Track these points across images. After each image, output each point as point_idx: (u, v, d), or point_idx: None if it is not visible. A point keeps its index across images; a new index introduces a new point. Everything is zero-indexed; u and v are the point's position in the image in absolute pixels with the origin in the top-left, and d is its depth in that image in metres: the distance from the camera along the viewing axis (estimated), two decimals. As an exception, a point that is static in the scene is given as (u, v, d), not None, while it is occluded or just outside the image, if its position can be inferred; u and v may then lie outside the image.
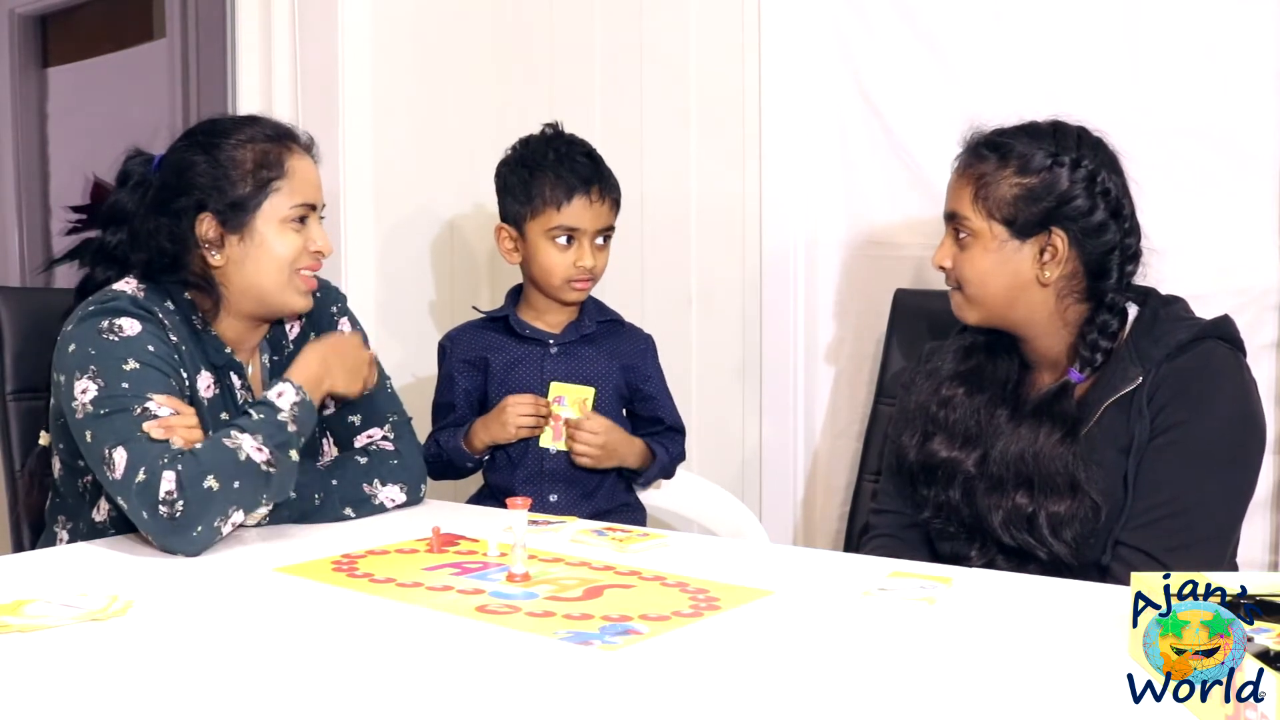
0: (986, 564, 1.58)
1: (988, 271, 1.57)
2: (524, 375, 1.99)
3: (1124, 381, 1.51)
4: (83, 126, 4.73)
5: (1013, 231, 1.55)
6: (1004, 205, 1.55)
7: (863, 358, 2.28)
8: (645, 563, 1.38)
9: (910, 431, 1.68)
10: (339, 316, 1.80)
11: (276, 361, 1.73)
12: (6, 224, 4.89)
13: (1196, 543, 1.44)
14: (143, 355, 1.49)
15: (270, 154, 1.61)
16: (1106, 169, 1.55)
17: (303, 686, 0.98)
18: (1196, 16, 1.94)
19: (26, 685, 0.98)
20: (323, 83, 2.31)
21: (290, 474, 1.51)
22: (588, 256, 1.96)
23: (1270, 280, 1.91)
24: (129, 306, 1.53)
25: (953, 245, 1.61)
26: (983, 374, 1.65)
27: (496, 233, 2.04)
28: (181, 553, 1.41)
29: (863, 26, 2.25)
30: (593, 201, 1.96)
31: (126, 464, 1.41)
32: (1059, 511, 1.50)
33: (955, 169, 1.63)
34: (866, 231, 2.29)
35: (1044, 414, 1.55)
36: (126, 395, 1.45)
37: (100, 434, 1.44)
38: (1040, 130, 1.58)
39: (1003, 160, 1.56)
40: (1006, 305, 1.59)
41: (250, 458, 1.45)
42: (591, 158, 2.00)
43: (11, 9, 4.87)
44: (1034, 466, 1.52)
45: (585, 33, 2.58)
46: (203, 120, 1.71)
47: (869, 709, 0.93)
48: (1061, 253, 1.54)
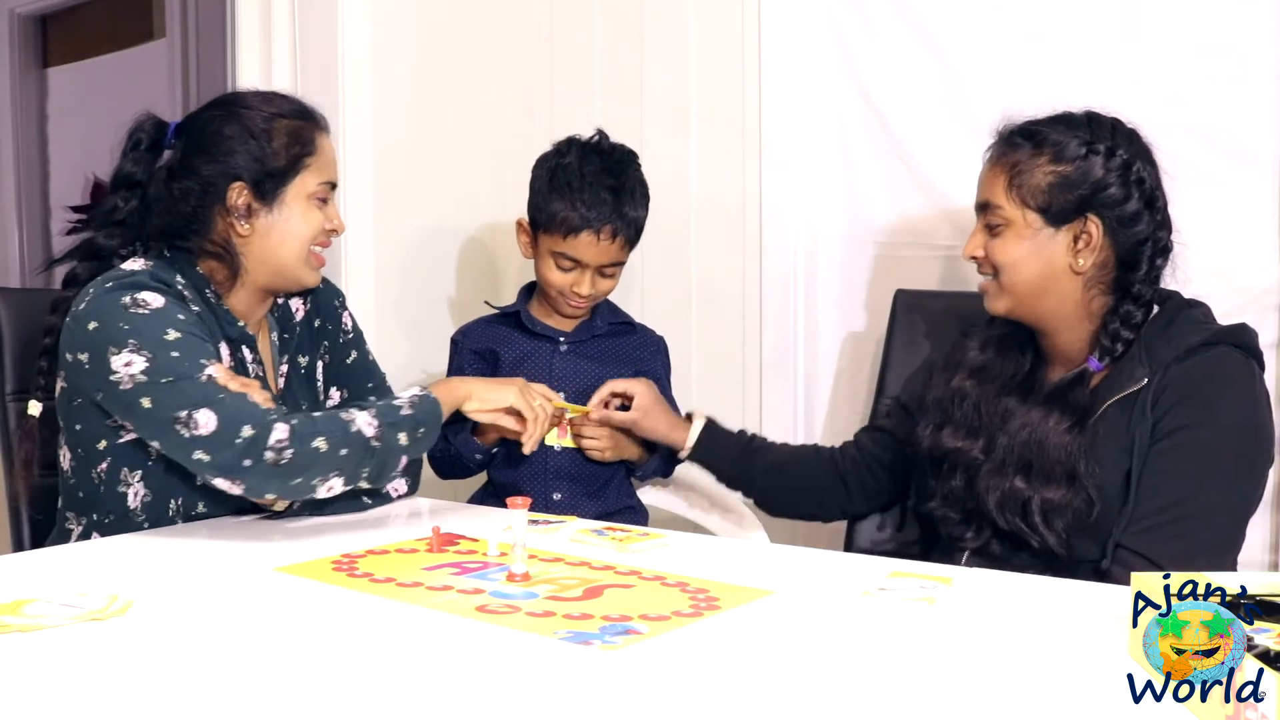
0: (981, 548, 1.58)
1: (1021, 259, 1.57)
2: (532, 371, 1.98)
3: (1129, 381, 1.51)
4: (83, 126, 4.73)
5: (1047, 219, 1.55)
6: (1038, 193, 1.54)
7: (863, 358, 2.28)
8: (645, 563, 1.38)
9: (925, 423, 1.69)
10: (341, 310, 1.85)
11: (286, 339, 1.76)
12: (6, 224, 4.89)
13: (1199, 552, 1.44)
14: (178, 325, 1.50)
15: (303, 131, 1.65)
16: (1141, 159, 1.55)
17: (303, 686, 0.98)
18: (1196, 16, 1.94)
19: (26, 685, 0.98)
20: (323, 83, 2.30)
21: (394, 454, 1.54)
22: (585, 286, 1.94)
23: (1270, 280, 1.91)
24: (148, 280, 1.53)
25: (984, 235, 1.60)
26: (995, 368, 1.66)
27: (516, 226, 2.03)
28: (278, 496, 1.49)
29: (863, 26, 2.25)
30: (601, 239, 1.91)
31: (220, 421, 1.43)
32: (1053, 499, 1.50)
33: (988, 159, 1.62)
34: (867, 231, 2.29)
35: (1057, 401, 1.55)
36: (183, 363, 1.46)
37: (168, 400, 1.44)
38: (1074, 119, 1.57)
39: (1036, 148, 1.55)
40: (1037, 294, 1.58)
41: (360, 430, 1.50)
42: (616, 193, 1.92)
43: (11, 9, 4.87)
44: (1037, 452, 1.52)
45: (585, 33, 2.58)
46: (223, 93, 1.73)
47: (869, 709, 0.93)
48: (1096, 240, 1.54)
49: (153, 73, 4.39)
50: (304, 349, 1.79)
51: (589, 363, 2.01)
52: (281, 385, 1.73)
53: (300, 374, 1.77)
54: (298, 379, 1.77)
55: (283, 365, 1.74)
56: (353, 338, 1.85)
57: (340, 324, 1.83)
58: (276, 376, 1.73)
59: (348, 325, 1.84)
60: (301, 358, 1.79)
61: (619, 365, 2.02)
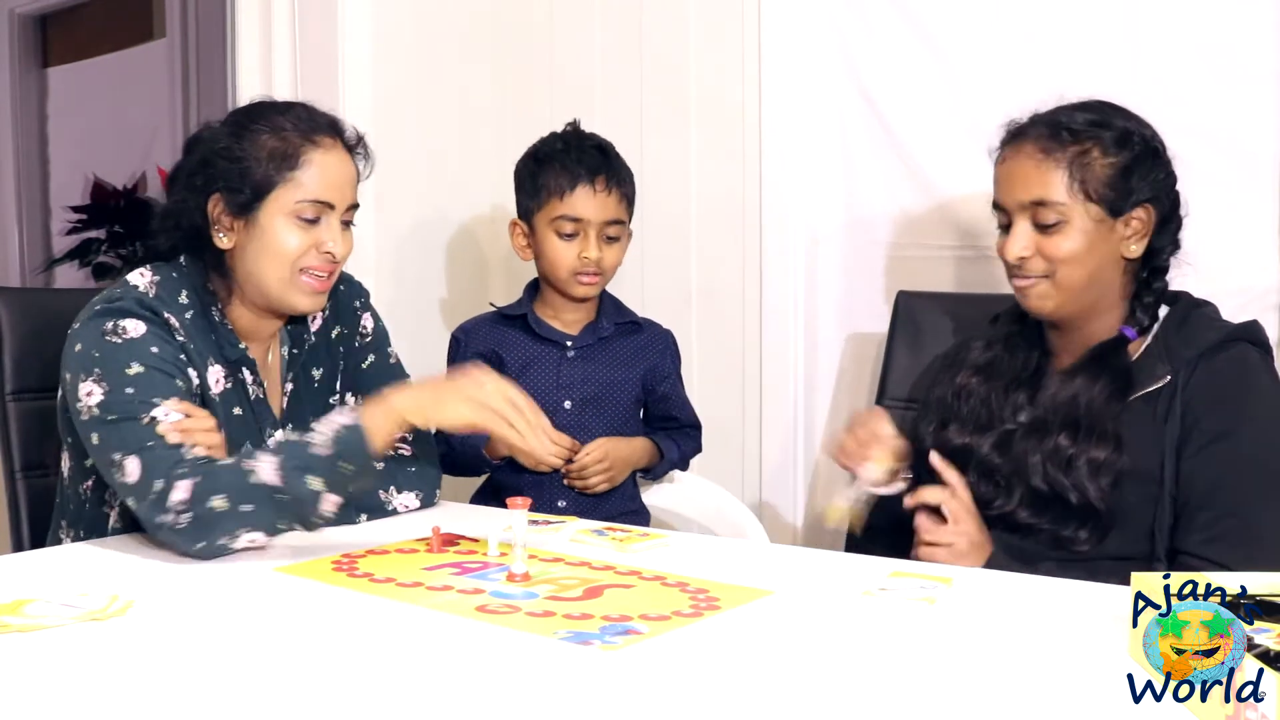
0: (1009, 513, 1.55)
1: (1083, 254, 1.54)
2: (539, 377, 1.97)
3: (1150, 379, 1.52)
4: (83, 126, 4.73)
5: (1107, 210, 1.53)
6: (1101, 185, 1.53)
7: (864, 359, 2.28)
8: (645, 563, 1.38)
9: (927, 421, 1.68)
10: (362, 311, 1.79)
11: (296, 355, 1.71)
12: (6, 224, 4.90)
13: (1264, 559, 1.42)
14: (147, 358, 1.48)
15: (291, 144, 1.56)
16: (1162, 143, 1.57)
17: (303, 686, 0.98)
18: (1196, 16, 1.94)
19: (26, 685, 0.98)
20: (323, 83, 2.30)
21: (308, 502, 1.40)
22: (593, 248, 1.94)
23: (1270, 280, 1.91)
24: (134, 307, 1.51)
25: (1033, 234, 1.56)
26: (1003, 364, 1.65)
27: (510, 229, 2.03)
28: (194, 556, 1.40)
29: (863, 26, 2.26)
30: (597, 191, 1.94)
31: (141, 472, 1.40)
32: (1099, 458, 1.49)
33: (1024, 155, 1.56)
34: (867, 231, 2.29)
35: (1097, 365, 1.55)
36: (133, 401, 1.44)
37: (109, 440, 1.43)
38: (1098, 106, 1.58)
39: (1084, 141, 1.54)
40: (1088, 286, 1.56)
41: (262, 481, 1.38)
42: (603, 150, 1.98)
43: (11, 9, 4.88)
44: (1084, 412, 1.52)
45: (585, 33, 2.58)
46: (253, 101, 1.68)
47: (869, 709, 0.93)
48: (1149, 226, 1.55)
49: (153, 73, 4.40)
50: (318, 361, 1.73)
51: (597, 367, 2.00)
52: (285, 404, 1.69)
53: (312, 388, 1.72)
54: (308, 394, 1.71)
55: (288, 383, 1.70)
56: (371, 340, 1.78)
57: (358, 327, 1.77)
58: (282, 395, 1.69)
59: (366, 328, 1.78)
60: (315, 370, 1.73)
61: (627, 368, 2.01)
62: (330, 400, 1.74)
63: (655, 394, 2.04)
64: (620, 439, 1.97)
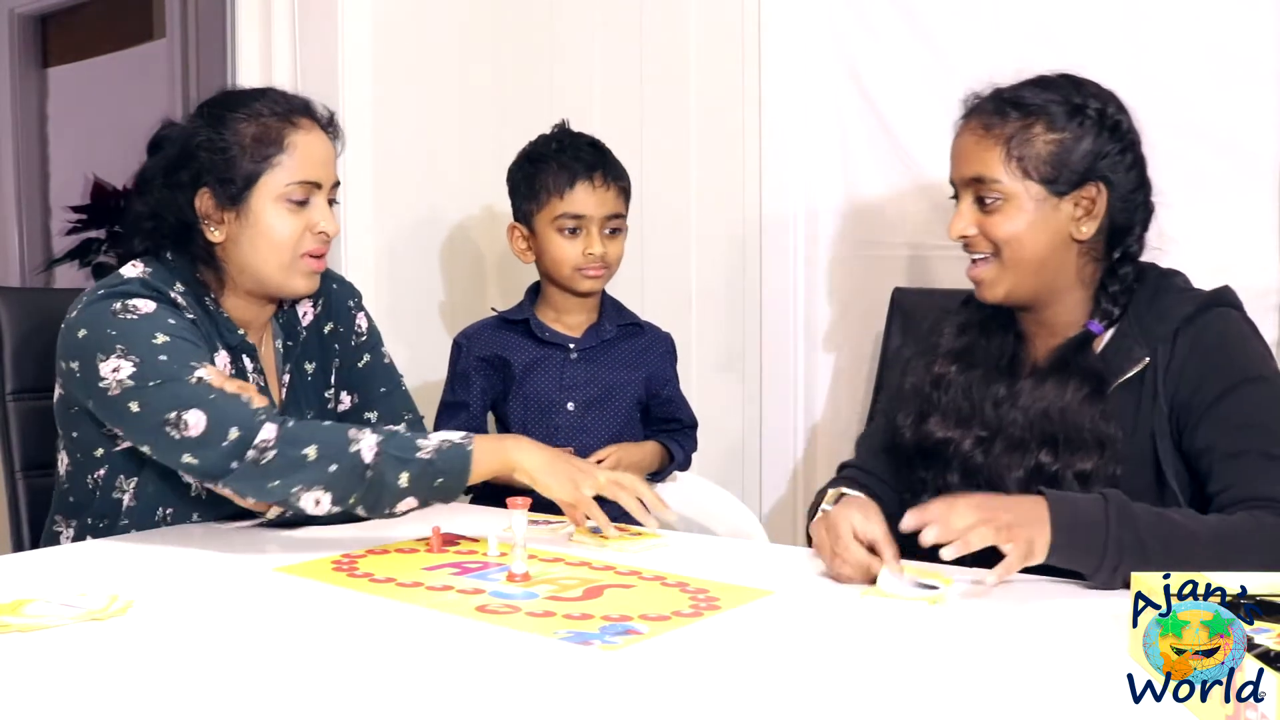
0: None
1: (1025, 233, 1.49)
2: (543, 379, 1.98)
3: (1129, 362, 1.47)
4: (83, 126, 4.73)
5: (1051, 189, 1.48)
6: (1040, 163, 1.48)
7: (862, 357, 2.28)
8: (645, 563, 1.38)
9: (905, 412, 1.62)
10: (356, 311, 1.80)
11: (290, 346, 1.72)
12: (6, 224, 4.90)
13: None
14: (168, 329, 1.48)
15: (272, 129, 1.57)
16: (1125, 117, 1.51)
17: (303, 686, 0.98)
18: (1196, 16, 1.94)
19: (26, 685, 0.98)
20: (323, 83, 2.30)
21: (389, 492, 1.42)
22: (596, 244, 1.95)
23: (1270, 280, 1.91)
24: (139, 288, 1.52)
25: (975, 212, 1.52)
26: (976, 350, 1.60)
27: (509, 233, 2.04)
28: (257, 499, 1.42)
29: (862, 25, 2.26)
30: (596, 187, 1.95)
31: (209, 421, 1.40)
32: (1086, 469, 1.44)
33: (968, 130, 1.54)
34: (865, 229, 2.29)
35: (1066, 369, 1.49)
36: (171, 364, 1.44)
37: (158, 403, 1.43)
38: (1053, 81, 1.52)
39: (1027, 116, 1.49)
40: (1038, 269, 1.51)
41: (359, 452, 1.41)
42: (596, 148, 2.00)
43: (11, 9, 4.87)
44: (1059, 424, 1.47)
45: (585, 33, 2.58)
46: (219, 92, 1.68)
47: (869, 709, 0.93)
48: (1099, 206, 1.49)
49: (153, 73, 4.40)
50: (311, 355, 1.74)
51: (600, 369, 2.01)
52: (284, 395, 1.70)
53: (306, 381, 1.73)
54: (302, 387, 1.73)
55: (285, 375, 1.71)
56: (367, 340, 1.79)
57: (353, 327, 1.78)
58: (279, 386, 1.70)
59: (361, 327, 1.79)
60: (308, 364, 1.74)
61: (629, 370, 2.02)
62: (324, 395, 1.76)
63: (659, 398, 2.06)
64: (631, 444, 1.99)
